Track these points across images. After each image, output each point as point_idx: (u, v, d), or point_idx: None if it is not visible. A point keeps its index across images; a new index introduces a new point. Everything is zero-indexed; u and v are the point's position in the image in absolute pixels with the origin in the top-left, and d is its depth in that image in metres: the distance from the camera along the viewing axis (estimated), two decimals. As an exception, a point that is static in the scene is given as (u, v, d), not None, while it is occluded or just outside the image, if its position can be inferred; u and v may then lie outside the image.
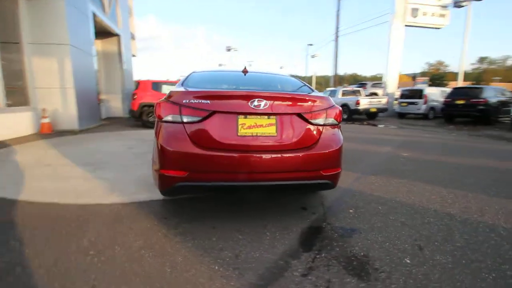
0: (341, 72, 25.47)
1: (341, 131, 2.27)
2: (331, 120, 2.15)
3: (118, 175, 3.45)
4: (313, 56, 29.39)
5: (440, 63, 77.28)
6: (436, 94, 13.38)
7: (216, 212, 2.42)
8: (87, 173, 3.50)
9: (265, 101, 1.96)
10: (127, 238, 1.96)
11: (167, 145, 1.93)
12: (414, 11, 14.41)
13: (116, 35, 10.59)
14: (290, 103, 2.03)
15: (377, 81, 20.00)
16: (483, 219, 2.36)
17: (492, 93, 10.51)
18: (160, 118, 2.04)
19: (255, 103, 1.95)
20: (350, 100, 12.80)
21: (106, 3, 9.32)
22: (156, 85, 8.65)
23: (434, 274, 1.61)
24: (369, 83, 18.28)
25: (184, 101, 1.97)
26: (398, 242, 1.96)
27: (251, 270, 1.62)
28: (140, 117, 8.46)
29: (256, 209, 2.50)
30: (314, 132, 2.07)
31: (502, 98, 10.72)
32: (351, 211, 2.49)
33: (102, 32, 9.82)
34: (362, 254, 1.80)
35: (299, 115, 2.04)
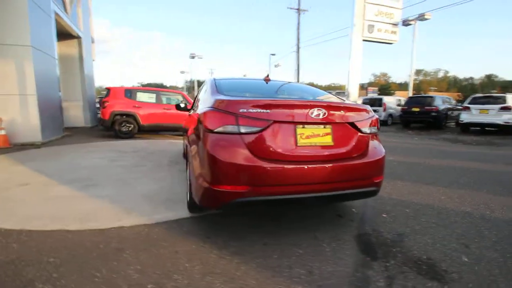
0: (300, 81, 26.91)
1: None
2: (374, 129, 2.21)
3: (118, 192, 3.08)
4: (276, 66, 30.36)
5: (384, 74, 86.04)
6: (392, 102, 14.81)
7: (255, 227, 2.29)
8: (78, 192, 3.05)
9: (323, 110, 1.93)
10: (180, 264, 1.73)
11: (224, 158, 1.78)
12: (370, 27, 15.83)
13: (77, 37, 9.60)
14: (344, 112, 2.04)
15: (336, 90, 21.36)
16: (495, 214, 2.62)
17: (441, 101, 11.98)
18: (209, 128, 1.87)
19: (315, 112, 1.91)
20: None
21: (67, 1, 8.43)
22: (130, 92, 8.03)
23: (494, 269, 1.72)
24: (332, 92, 19.44)
25: (241, 110, 1.84)
26: (445, 243, 2.07)
27: (335, 286, 1.55)
28: (112, 126, 7.74)
29: (295, 220, 2.43)
30: (365, 140, 2.10)
31: (448, 106, 12.28)
32: (384, 215, 2.57)
33: (62, 34, 8.81)
34: (425, 257, 1.86)
35: (352, 124, 2.06)
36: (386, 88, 51.22)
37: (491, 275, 1.67)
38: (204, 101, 2.36)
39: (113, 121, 7.73)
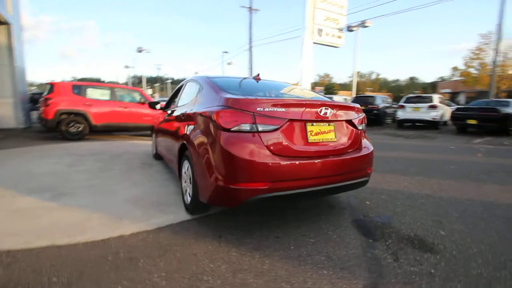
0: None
1: None
2: (364, 126, 2.47)
3: (97, 200, 2.80)
4: (229, 64, 30.25)
5: (327, 75, 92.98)
6: (340, 102, 16.19)
7: (260, 223, 2.36)
8: (50, 202, 2.68)
9: (330, 109, 2.10)
10: (204, 266, 1.71)
11: (245, 156, 1.81)
12: (320, 31, 16.95)
13: (5, 23, 8.11)
14: (343, 111, 2.24)
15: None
16: (450, 194, 3.17)
17: (381, 100, 13.55)
18: (225, 127, 1.88)
19: (323, 111, 2.06)
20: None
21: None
22: (79, 89, 7.18)
23: (465, 238, 2.12)
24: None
25: (258, 109, 1.89)
26: (423, 221, 2.44)
27: (356, 267, 1.73)
28: (58, 127, 6.83)
29: (296, 214, 2.57)
30: (359, 136, 2.34)
31: (386, 105, 13.96)
32: (367, 202, 2.89)
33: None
34: (413, 234, 2.18)
35: (349, 121, 2.28)
36: (330, 88, 55.38)
37: (465, 242, 2.05)
38: (206, 100, 2.33)
39: (59, 121, 6.83)
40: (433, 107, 10.83)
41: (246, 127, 1.87)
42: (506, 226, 2.35)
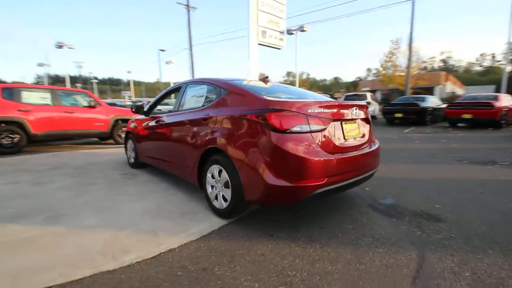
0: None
1: None
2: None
3: (106, 217, 2.50)
4: (168, 63, 28.67)
5: (262, 74, 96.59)
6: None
7: (295, 219, 2.51)
8: (52, 228, 2.28)
9: (357, 109, 2.38)
10: (279, 263, 1.79)
11: (305, 155, 1.94)
12: (264, 33, 17.58)
13: None
14: (361, 110, 2.55)
15: None
16: (429, 176, 3.86)
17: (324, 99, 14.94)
18: (283, 129, 1.97)
19: (354, 111, 2.33)
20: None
21: None
22: (11, 92, 5.95)
23: (456, 209, 2.68)
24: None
25: (309, 111, 2.03)
26: (420, 198, 2.94)
27: (401, 241, 2.05)
28: (-16, 140, 5.55)
29: (318, 206, 2.79)
30: (371, 131, 2.70)
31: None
32: (367, 189, 3.31)
33: None
34: (419, 210, 2.64)
35: (365, 119, 2.61)
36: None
37: (457, 212, 2.60)
38: (240, 103, 2.34)
39: (-15, 132, 5.57)
40: (368, 103, 12.54)
41: (300, 128, 2.00)
42: (477, 196, 3.04)
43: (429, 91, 27.85)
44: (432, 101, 11.86)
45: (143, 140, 4.00)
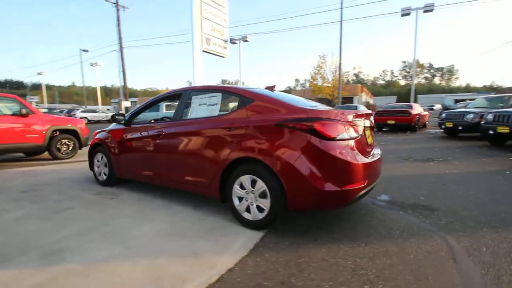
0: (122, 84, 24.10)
1: None
2: None
3: (122, 245, 2.14)
4: (93, 65, 25.35)
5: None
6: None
7: (319, 224, 2.63)
8: (63, 266, 1.81)
9: (372, 117, 2.66)
10: (345, 265, 1.87)
11: (353, 160, 2.08)
12: (208, 40, 17.43)
13: None
14: (371, 118, 2.85)
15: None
16: (410, 172, 4.48)
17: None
18: (331, 136, 2.07)
19: (371, 119, 2.60)
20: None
21: None
22: None
23: (442, 197, 3.23)
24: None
25: (348, 119, 2.19)
26: (409, 194, 3.43)
27: (421, 229, 2.38)
28: None
29: (324, 213, 2.97)
30: (374, 137, 3.04)
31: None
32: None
33: None
34: (412, 202, 3.08)
35: (372, 127, 2.93)
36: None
37: (439, 202, 3.13)
38: (275, 112, 2.34)
39: None
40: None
41: (345, 135, 2.14)
42: (442, 187, 3.71)
43: (349, 100, 32.22)
44: (362, 110, 13.82)
45: (126, 153, 3.51)
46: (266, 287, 1.64)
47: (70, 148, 6.53)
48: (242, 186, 2.43)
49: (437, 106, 41.53)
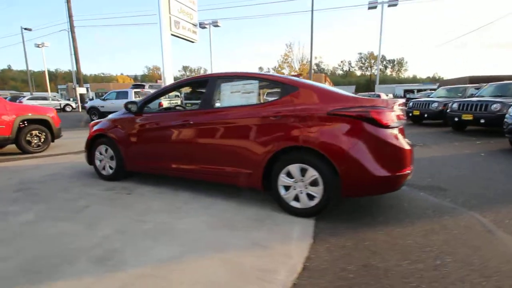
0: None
1: None
2: None
3: (183, 242, 2.01)
4: (39, 46, 22.21)
5: (157, 68, 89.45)
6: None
7: (361, 210, 2.76)
8: (126, 271, 1.66)
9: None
10: (405, 251, 2.00)
11: (404, 146, 2.20)
12: (176, 23, 16.31)
13: None
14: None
15: (150, 82, 20.32)
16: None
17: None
18: (387, 124, 2.16)
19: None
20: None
21: None
22: None
23: (447, 178, 3.58)
24: (147, 84, 18.21)
25: (397, 108, 2.29)
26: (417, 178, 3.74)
27: (450, 212, 2.63)
28: None
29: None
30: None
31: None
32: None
33: None
34: (426, 184, 3.38)
35: None
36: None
37: (446, 182, 3.48)
38: (325, 100, 2.34)
39: None
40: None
41: (396, 123, 2.25)
42: (438, 169, 4.11)
43: (316, 89, 33.32)
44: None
45: (141, 144, 3.23)
46: (351, 271, 1.70)
47: (42, 140, 5.78)
48: (289, 175, 2.42)
49: (390, 96, 45.26)
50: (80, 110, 21.02)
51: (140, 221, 2.36)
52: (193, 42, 18.74)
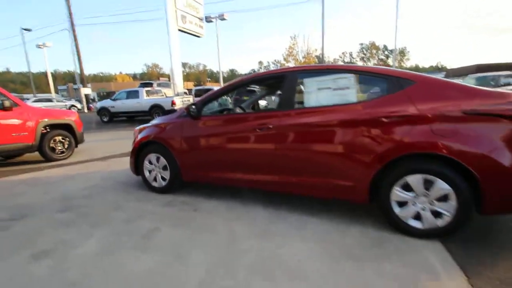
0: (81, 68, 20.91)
1: None
2: None
3: (310, 279, 1.62)
4: (40, 46, 21.58)
5: (156, 65, 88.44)
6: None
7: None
8: None
9: None
10: None
11: None
12: (183, 18, 15.91)
13: None
14: None
15: (159, 80, 19.93)
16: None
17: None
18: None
19: None
20: (162, 101, 12.30)
21: None
22: None
23: None
24: (155, 83, 17.70)
25: None
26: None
27: None
28: None
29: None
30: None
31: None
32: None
33: None
34: None
35: None
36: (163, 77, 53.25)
37: None
38: (450, 97, 1.91)
39: None
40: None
41: None
42: None
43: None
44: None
45: (203, 151, 2.79)
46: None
47: (66, 146, 5.35)
48: (406, 188, 2.00)
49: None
50: (86, 110, 20.50)
51: (236, 251, 1.94)
52: (199, 36, 18.28)
